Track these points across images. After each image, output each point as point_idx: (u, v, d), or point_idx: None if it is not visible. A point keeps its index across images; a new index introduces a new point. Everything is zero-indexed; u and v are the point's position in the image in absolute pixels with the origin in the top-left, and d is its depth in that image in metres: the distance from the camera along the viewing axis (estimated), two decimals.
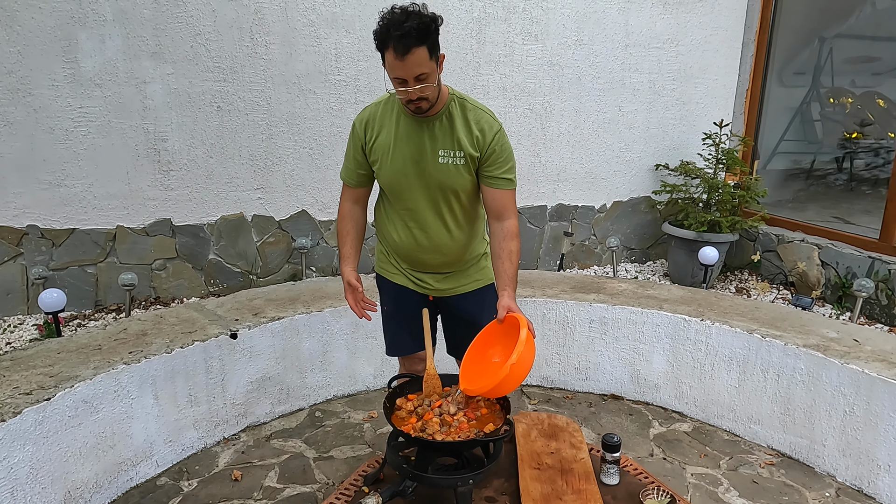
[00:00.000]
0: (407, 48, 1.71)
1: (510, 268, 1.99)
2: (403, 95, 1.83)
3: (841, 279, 4.18)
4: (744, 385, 2.95)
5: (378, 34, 1.76)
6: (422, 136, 1.95)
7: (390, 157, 1.98)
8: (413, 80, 1.77)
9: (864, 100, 5.26)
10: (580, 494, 1.82)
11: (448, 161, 1.95)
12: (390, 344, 2.32)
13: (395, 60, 1.74)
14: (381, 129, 1.99)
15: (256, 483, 2.57)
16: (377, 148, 2.00)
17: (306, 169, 4.18)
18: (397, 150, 1.97)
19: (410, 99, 1.82)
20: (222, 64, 3.84)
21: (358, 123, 2.04)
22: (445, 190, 2.00)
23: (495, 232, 2.04)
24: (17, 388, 2.22)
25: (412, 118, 1.95)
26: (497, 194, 2.01)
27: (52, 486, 2.18)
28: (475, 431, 1.79)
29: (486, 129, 1.95)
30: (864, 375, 2.53)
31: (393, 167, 1.99)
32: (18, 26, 3.43)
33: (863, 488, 2.58)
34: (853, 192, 5.34)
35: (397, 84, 1.81)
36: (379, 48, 1.78)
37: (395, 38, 1.71)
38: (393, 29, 1.71)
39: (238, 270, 4.20)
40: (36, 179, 3.63)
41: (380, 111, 2.01)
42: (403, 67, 1.75)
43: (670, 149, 5.11)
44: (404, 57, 1.73)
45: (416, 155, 1.96)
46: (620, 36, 4.72)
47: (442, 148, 1.95)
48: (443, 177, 1.97)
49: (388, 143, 1.98)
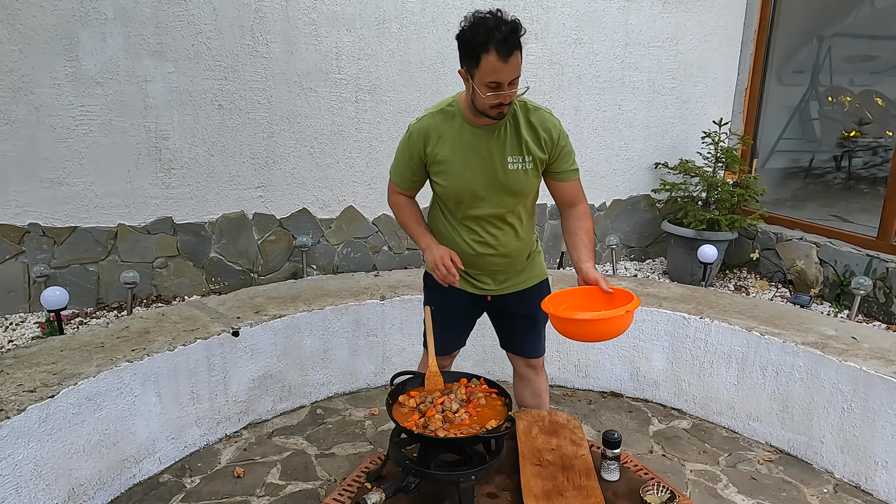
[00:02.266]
0: (510, 50, 1.71)
1: (588, 243, 2.05)
2: (495, 100, 1.79)
3: (839, 277, 4.20)
4: (743, 382, 2.97)
5: (475, 38, 1.72)
6: (489, 144, 1.94)
7: (457, 170, 1.96)
8: (508, 83, 1.76)
9: (863, 98, 5.28)
10: (581, 490, 1.84)
11: (518, 167, 1.96)
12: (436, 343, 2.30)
13: (497, 62, 1.71)
14: (442, 141, 1.95)
15: (259, 480, 2.59)
16: (441, 161, 1.97)
17: (307, 167, 4.19)
18: (465, 161, 1.95)
19: (503, 103, 1.80)
20: (223, 62, 3.85)
21: (416, 134, 1.99)
22: (516, 195, 2.01)
23: (568, 216, 2.10)
24: (21, 385, 2.23)
25: (475, 127, 1.93)
26: (568, 186, 2.07)
27: (56, 483, 2.19)
28: (477, 428, 1.80)
29: (551, 129, 1.97)
30: (862, 373, 2.55)
31: (462, 178, 1.97)
32: (20, 25, 3.43)
33: (860, 484, 2.61)
34: (851, 190, 5.36)
35: (490, 89, 1.77)
36: (472, 52, 1.74)
37: (498, 40, 1.69)
38: (497, 32, 1.69)
39: (239, 268, 4.21)
40: (37, 178, 3.64)
41: (438, 121, 1.96)
42: (506, 70, 1.73)
43: (670, 147, 5.12)
44: (508, 59, 1.71)
45: (485, 165, 1.95)
46: (620, 35, 4.73)
47: (511, 154, 1.95)
48: (513, 183, 1.98)
49: (454, 155, 1.95)
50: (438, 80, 4.35)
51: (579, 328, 1.82)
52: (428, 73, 4.32)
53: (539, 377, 2.40)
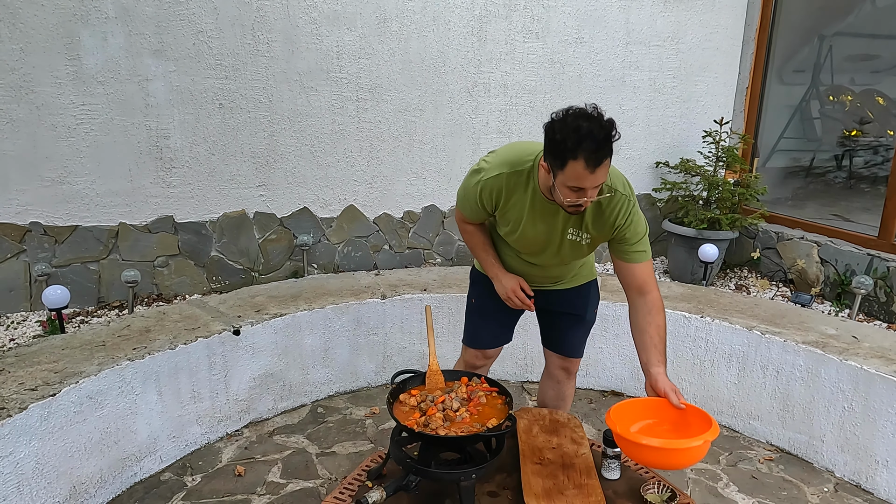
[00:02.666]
0: (599, 161, 1.62)
1: (660, 342, 1.87)
2: (573, 200, 1.71)
3: (840, 276, 4.20)
4: (743, 381, 2.97)
5: (565, 141, 1.62)
6: (556, 215, 1.91)
7: (521, 228, 1.97)
8: (592, 189, 1.69)
9: (864, 98, 5.27)
10: (582, 489, 1.84)
11: (576, 238, 1.94)
12: (472, 336, 2.35)
13: (583, 171, 1.62)
14: (512, 201, 1.92)
15: (259, 478, 2.59)
16: (507, 217, 1.96)
17: (308, 166, 4.20)
18: (530, 224, 1.95)
19: (581, 205, 1.73)
20: (224, 61, 3.85)
21: (487, 192, 1.92)
22: (574, 256, 2.05)
23: (638, 307, 1.92)
24: (23, 384, 2.23)
25: (544, 203, 1.89)
26: (634, 269, 1.92)
27: (57, 482, 2.20)
28: (478, 426, 1.81)
29: (617, 211, 1.86)
30: (863, 372, 2.55)
31: (523, 236, 1.99)
32: (21, 24, 3.43)
33: (861, 483, 2.61)
34: (852, 189, 5.35)
35: (572, 192, 1.69)
36: (559, 154, 1.65)
37: (589, 150, 1.60)
38: (587, 141, 1.60)
39: (240, 267, 4.22)
40: (38, 177, 3.64)
41: (511, 183, 1.89)
42: (592, 179, 1.65)
43: (670, 146, 5.12)
44: (595, 169, 1.63)
45: (547, 231, 1.96)
46: (621, 34, 4.73)
47: (573, 227, 1.93)
48: (568, 251, 2.00)
49: (521, 216, 1.93)
50: (439, 79, 4.35)
51: (644, 453, 1.66)
52: (429, 71, 4.32)
53: (569, 382, 2.42)
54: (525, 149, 1.92)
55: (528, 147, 1.92)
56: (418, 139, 4.41)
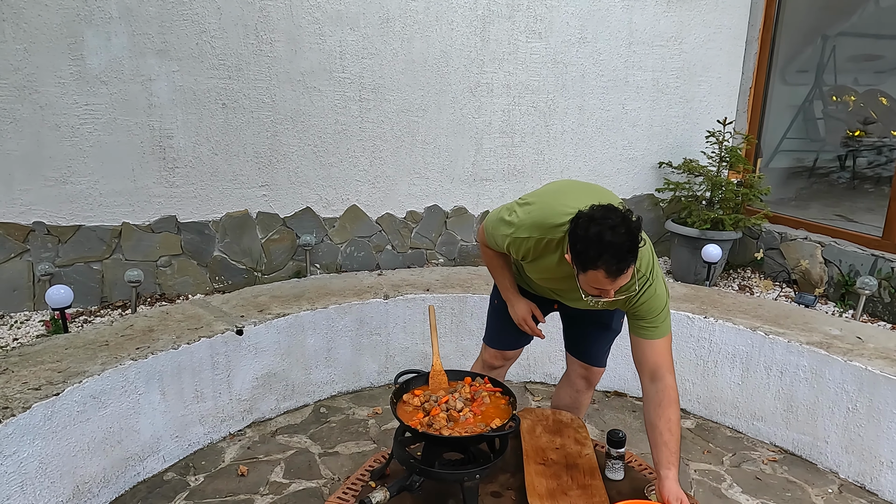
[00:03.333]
0: (621, 271, 1.57)
1: (671, 440, 1.73)
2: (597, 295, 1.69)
3: (844, 277, 4.19)
4: (747, 382, 2.96)
5: (588, 251, 1.56)
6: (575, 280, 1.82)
7: (539, 282, 2.03)
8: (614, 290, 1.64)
9: (867, 98, 5.26)
10: (585, 490, 1.83)
11: (591, 303, 1.84)
12: (493, 336, 2.35)
13: (604, 279, 1.58)
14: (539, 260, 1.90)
15: (262, 478, 2.59)
16: (533, 268, 1.97)
17: (311, 166, 4.20)
18: (549, 280, 1.99)
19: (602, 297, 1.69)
20: (227, 61, 3.85)
21: (512, 248, 1.91)
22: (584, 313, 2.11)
23: (650, 396, 1.81)
24: (26, 383, 2.23)
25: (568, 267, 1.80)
26: (647, 347, 1.81)
27: (60, 481, 2.20)
28: (481, 427, 1.80)
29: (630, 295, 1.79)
30: (867, 372, 2.54)
31: (541, 288, 2.07)
32: (25, 23, 3.44)
33: (865, 484, 2.60)
34: (856, 190, 5.34)
35: (594, 290, 1.66)
36: (582, 264, 1.60)
37: (611, 262, 1.54)
38: (612, 253, 1.53)
39: (243, 267, 4.22)
40: (42, 176, 3.64)
41: (539, 247, 1.84)
42: (613, 284, 1.61)
43: (674, 147, 5.11)
44: (617, 279, 1.59)
45: (565, 290, 1.99)
46: (624, 34, 4.72)
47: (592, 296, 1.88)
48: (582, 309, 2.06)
49: (546, 272, 1.93)
50: (442, 79, 4.34)
51: None
52: (432, 71, 4.31)
53: (587, 392, 2.41)
54: (559, 210, 1.79)
55: (563, 208, 1.77)
56: (421, 139, 4.41)
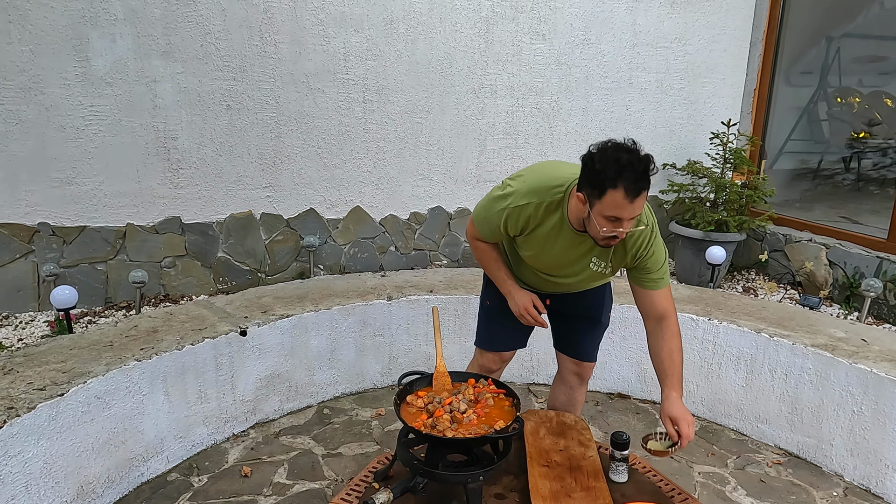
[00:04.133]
0: (639, 191, 1.63)
1: (671, 367, 1.88)
2: (609, 232, 1.71)
3: (849, 279, 4.17)
4: (751, 384, 2.95)
5: (605, 171, 1.62)
6: (581, 247, 1.91)
7: (541, 255, 1.98)
8: (629, 220, 1.70)
9: (872, 99, 5.25)
10: (589, 492, 1.83)
11: (598, 269, 1.95)
12: (488, 339, 2.32)
13: (623, 200, 1.63)
14: (539, 230, 1.91)
15: (266, 479, 2.59)
16: (532, 242, 1.95)
17: (314, 167, 4.20)
18: (554, 251, 1.94)
19: (617, 236, 1.73)
20: (232, 63, 3.86)
21: (513, 218, 1.90)
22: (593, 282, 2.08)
23: (653, 331, 1.95)
24: (31, 383, 2.24)
25: (571, 233, 1.87)
26: (654, 296, 1.93)
27: (65, 481, 2.20)
28: (485, 428, 1.80)
29: (641, 241, 1.87)
30: (873, 375, 2.53)
31: (543, 261, 2.01)
32: (30, 25, 3.45)
33: (871, 488, 2.59)
34: (861, 191, 5.33)
35: (609, 222, 1.69)
36: (597, 184, 1.65)
37: (630, 178, 1.61)
38: (629, 171, 1.61)
39: (246, 268, 4.23)
40: (47, 177, 3.66)
41: (539, 213, 1.87)
42: (631, 209, 1.65)
43: (677, 148, 5.10)
44: (635, 200, 1.64)
45: (571, 258, 1.96)
46: (628, 35, 4.72)
47: (595, 256, 1.93)
48: (589, 276, 2.02)
49: (545, 243, 1.93)
50: (446, 81, 4.35)
51: None
52: (435, 73, 4.32)
53: (581, 388, 2.41)
54: (553, 175, 1.87)
55: (556, 173, 1.87)
56: (424, 140, 4.41)
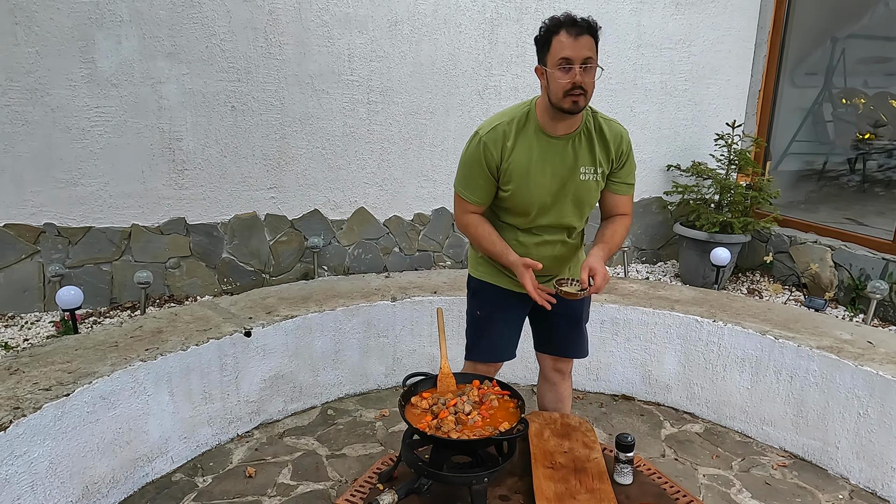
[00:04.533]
0: (580, 32, 1.80)
1: (610, 237, 2.05)
2: (566, 80, 1.81)
3: (854, 281, 4.16)
4: (756, 386, 2.94)
5: (548, 25, 1.84)
6: (563, 154, 1.95)
7: (529, 179, 1.95)
8: (580, 64, 1.81)
9: (877, 100, 5.23)
10: (594, 494, 1.82)
11: (589, 178, 1.98)
12: (485, 351, 2.25)
13: (567, 39, 1.80)
14: (516, 149, 1.93)
15: (270, 480, 2.59)
16: (513, 170, 1.94)
17: (319, 168, 4.21)
18: (538, 171, 1.94)
19: (574, 84, 1.81)
20: (236, 64, 3.87)
21: (490, 143, 1.94)
22: (582, 205, 2.04)
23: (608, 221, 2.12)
24: (37, 383, 2.25)
25: (550, 137, 1.93)
26: (619, 199, 2.09)
27: (70, 481, 2.21)
28: (490, 430, 1.80)
29: (620, 140, 2.01)
30: (879, 377, 2.52)
31: (534, 187, 1.96)
32: (37, 27, 3.47)
33: (877, 491, 2.57)
34: (866, 193, 5.30)
35: (563, 70, 1.82)
36: (545, 37, 1.85)
37: (569, 21, 1.81)
38: (569, 18, 1.82)
39: (251, 269, 4.23)
40: (53, 178, 3.67)
41: (513, 130, 1.94)
42: (575, 47, 1.80)
43: (682, 149, 5.09)
44: (578, 38, 1.80)
45: (558, 174, 1.96)
46: (632, 36, 4.71)
47: (584, 164, 1.97)
48: (583, 193, 2.01)
49: (527, 165, 1.93)
50: (450, 82, 4.35)
51: None
52: (440, 74, 4.32)
53: (565, 382, 2.40)
54: (515, 105, 2.04)
55: (519, 103, 2.04)
56: (429, 142, 4.41)
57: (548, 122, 1.93)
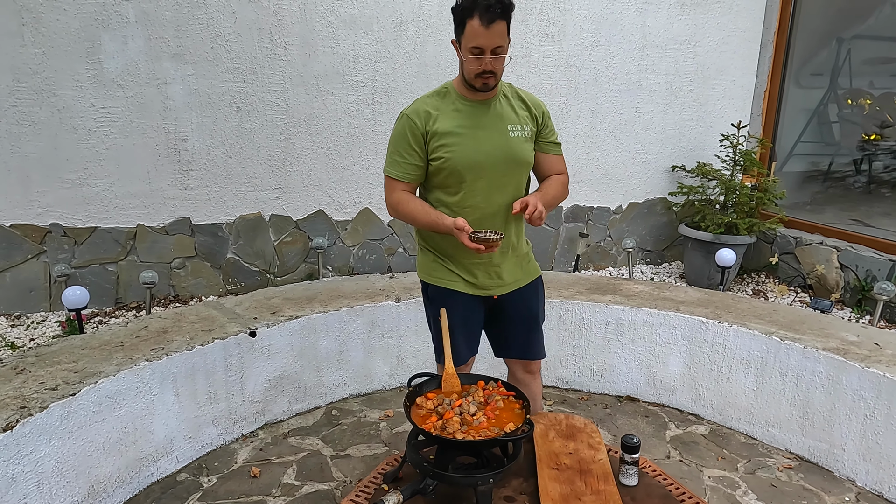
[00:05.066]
0: (492, 18, 1.81)
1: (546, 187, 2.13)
2: (477, 66, 1.88)
3: (860, 282, 4.14)
4: (762, 388, 2.93)
5: (463, 4, 1.84)
6: (486, 115, 2.02)
7: (462, 140, 1.98)
8: (490, 51, 1.85)
9: (883, 101, 5.21)
10: (599, 495, 1.82)
11: (518, 134, 2.04)
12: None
13: (479, 27, 1.81)
14: (441, 116, 2.00)
15: (275, 480, 2.60)
16: (444, 132, 1.98)
17: (323, 169, 4.21)
18: (468, 130, 1.99)
19: (484, 70, 1.88)
20: (242, 65, 3.88)
21: (412, 113, 2.00)
22: (519, 164, 2.06)
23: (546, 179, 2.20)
24: (43, 383, 2.26)
25: (470, 105, 2.01)
26: (551, 159, 2.18)
27: (76, 480, 2.22)
28: (495, 431, 1.80)
29: (536, 101, 2.13)
30: (886, 379, 2.51)
31: (466, 148, 1.98)
32: (43, 28, 3.48)
33: (883, 493, 2.56)
34: (872, 194, 5.29)
35: (473, 54, 1.87)
36: (460, 18, 1.86)
37: (482, 7, 1.80)
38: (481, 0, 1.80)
39: (256, 269, 4.24)
40: (59, 178, 3.69)
41: (433, 100, 2.04)
42: (487, 36, 1.82)
43: (687, 150, 5.08)
44: (489, 26, 1.81)
45: (487, 133, 2.01)
46: (637, 37, 4.71)
47: (509, 122, 2.04)
48: (516, 149, 2.04)
49: (453, 129, 1.99)
50: None
51: None
52: (444, 75, 4.31)
53: (535, 381, 2.37)
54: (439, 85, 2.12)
55: None
56: None
57: (465, 91, 2.01)
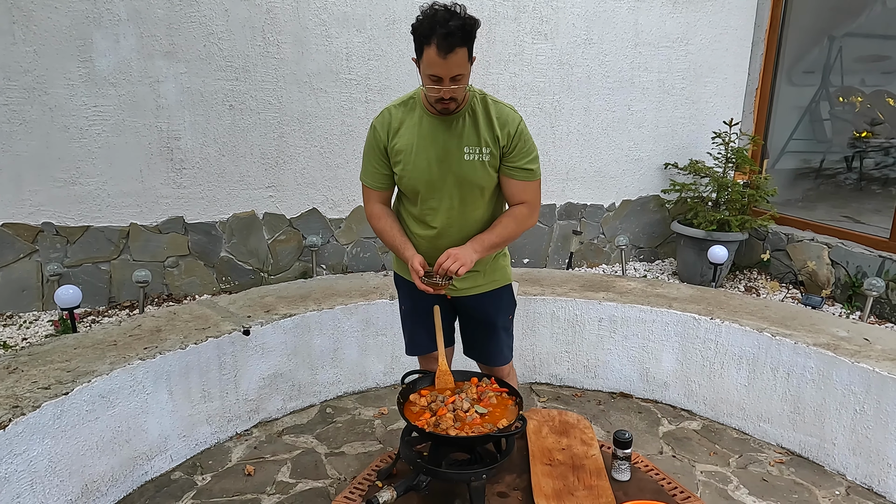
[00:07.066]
0: (450, 47, 1.71)
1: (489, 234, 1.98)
2: (435, 94, 1.81)
3: (851, 278, 4.17)
4: (753, 384, 2.95)
5: (420, 29, 1.74)
6: (446, 134, 1.94)
7: (413, 157, 1.95)
8: (449, 79, 1.77)
9: (874, 99, 5.24)
10: (592, 490, 1.83)
11: (474, 158, 1.94)
12: (409, 343, 2.31)
13: (436, 57, 1.73)
14: (402, 130, 1.97)
15: (269, 478, 2.60)
16: (399, 149, 1.96)
17: (317, 167, 4.21)
18: (421, 149, 1.94)
19: (442, 98, 1.82)
20: (235, 63, 3.87)
21: (378, 125, 2.00)
22: (472, 187, 1.98)
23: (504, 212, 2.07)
24: (36, 382, 2.25)
25: (435, 117, 1.94)
26: (514, 185, 2.00)
27: (69, 480, 2.21)
28: (488, 427, 1.81)
29: (508, 122, 1.96)
30: (875, 374, 2.53)
31: (417, 167, 1.95)
32: (34, 26, 3.47)
33: (873, 486, 2.59)
34: (863, 191, 5.32)
35: (431, 81, 1.79)
36: (418, 43, 1.77)
37: (440, 35, 1.70)
38: (439, 27, 1.70)
39: (249, 268, 4.24)
40: (51, 177, 3.67)
41: (399, 112, 1.99)
42: (444, 66, 1.74)
43: (679, 148, 5.11)
44: (446, 56, 1.72)
45: (441, 154, 1.95)
46: (630, 35, 4.72)
47: (467, 145, 1.94)
48: (469, 173, 1.96)
49: (411, 144, 1.95)
50: None
51: None
52: None
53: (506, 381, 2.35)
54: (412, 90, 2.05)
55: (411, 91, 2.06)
56: None
57: (429, 107, 1.94)
